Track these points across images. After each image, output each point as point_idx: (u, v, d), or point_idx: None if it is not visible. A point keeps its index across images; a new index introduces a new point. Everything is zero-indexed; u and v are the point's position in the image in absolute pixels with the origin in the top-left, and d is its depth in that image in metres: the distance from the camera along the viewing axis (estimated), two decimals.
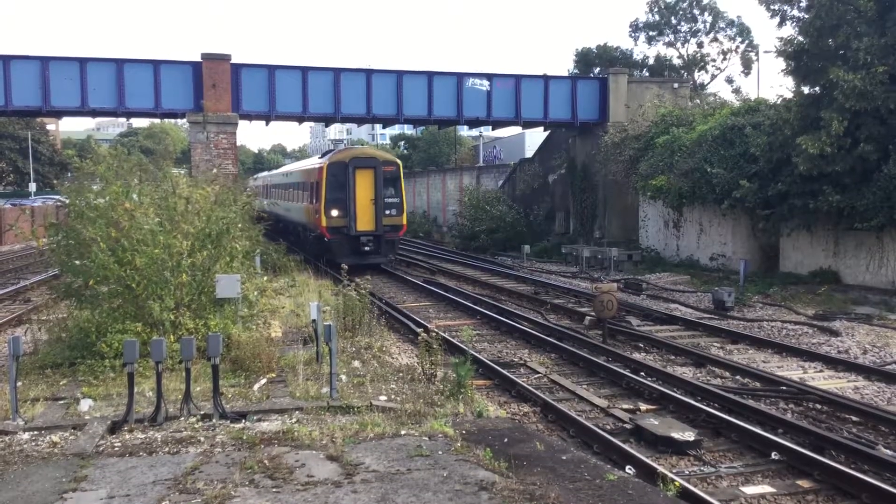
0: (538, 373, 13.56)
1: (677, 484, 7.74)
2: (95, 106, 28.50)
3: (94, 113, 29.92)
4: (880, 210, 19.82)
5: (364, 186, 27.31)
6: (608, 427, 10.40)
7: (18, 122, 69.26)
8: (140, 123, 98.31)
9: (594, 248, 30.96)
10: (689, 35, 53.38)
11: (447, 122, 35.96)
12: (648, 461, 8.67)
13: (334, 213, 27.19)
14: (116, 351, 11.11)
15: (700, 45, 53.54)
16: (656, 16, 53.12)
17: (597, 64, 50.97)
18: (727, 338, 16.59)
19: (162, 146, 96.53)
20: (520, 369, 13.95)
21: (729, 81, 54.41)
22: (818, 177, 21.01)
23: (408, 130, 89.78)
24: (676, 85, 36.16)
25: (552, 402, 11.25)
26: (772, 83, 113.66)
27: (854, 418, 10.77)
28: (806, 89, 22.62)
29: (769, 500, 8.12)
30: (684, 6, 52.44)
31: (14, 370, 9.21)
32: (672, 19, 52.83)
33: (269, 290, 14.94)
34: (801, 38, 22.25)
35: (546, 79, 33.29)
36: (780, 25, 23.30)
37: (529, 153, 49.09)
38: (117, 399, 9.93)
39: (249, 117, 30.69)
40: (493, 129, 49.94)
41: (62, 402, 9.89)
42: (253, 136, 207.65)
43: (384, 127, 43.62)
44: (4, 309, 20.26)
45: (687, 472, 8.77)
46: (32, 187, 67.79)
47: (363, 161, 28.00)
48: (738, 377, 13.22)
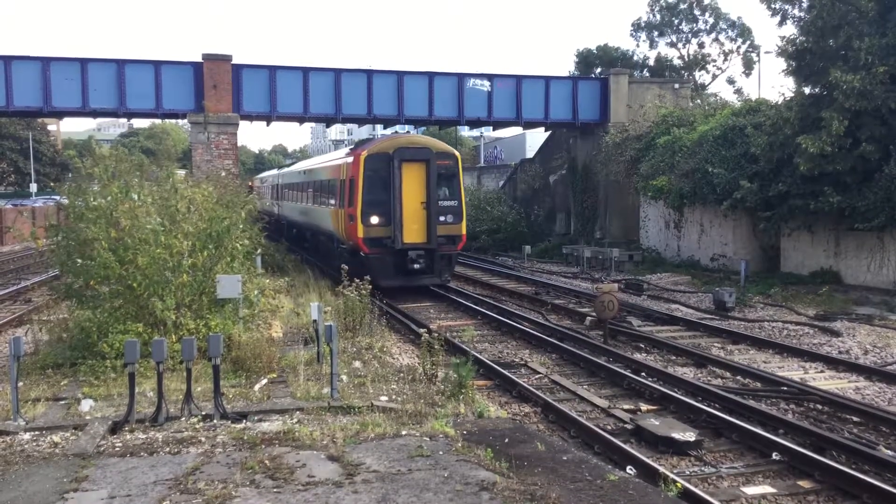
0: (539, 373, 13.56)
1: (678, 484, 7.74)
2: (96, 106, 28.53)
3: (95, 113, 29.93)
4: (881, 210, 19.83)
5: (413, 185, 21.58)
6: (609, 427, 10.40)
7: (19, 123, 69.32)
8: (141, 124, 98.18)
9: (595, 249, 30.95)
10: (691, 35, 53.36)
11: (448, 123, 35.96)
12: (649, 461, 8.67)
13: (374, 221, 21.35)
14: (117, 351, 11.11)
15: (701, 46, 53.52)
16: (657, 16, 53.11)
17: (597, 64, 50.95)
18: (728, 338, 16.58)
19: (163, 147, 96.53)
20: (521, 370, 13.95)
21: (730, 82, 54.43)
22: (819, 177, 21.02)
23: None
24: (677, 85, 36.18)
25: (553, 403, 11.25)
26: (773, 84, 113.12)
27: (855, 419, 10.77)
28: (807, 89, 22.64)
29: (770, 501, 8.12)
30: (685, 6, 52.41)
31: (15, 370, 9.22)
32: (673, 20, 52.80)
33: (269, 290, 14.92)
34: (802, 39, 22.26)
35: (547, 79, 33.30)
36: (781, 25, 23.35)
37: (530, 154, 49.13)
38: (118, 399, 9.94)
39: (250, 118, 30.72)
40: (494, 130, 49.97)
41: (63, 403, 9.90)
42: (254, 137, 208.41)
43: (385, 127, 43.48)
44: (5, 309, 20.27)
45: (688, 473, 8.77)
46: (33, 188, 67.79)
47: (412, 152, 21.86)
48: (739, 377, 13.22)
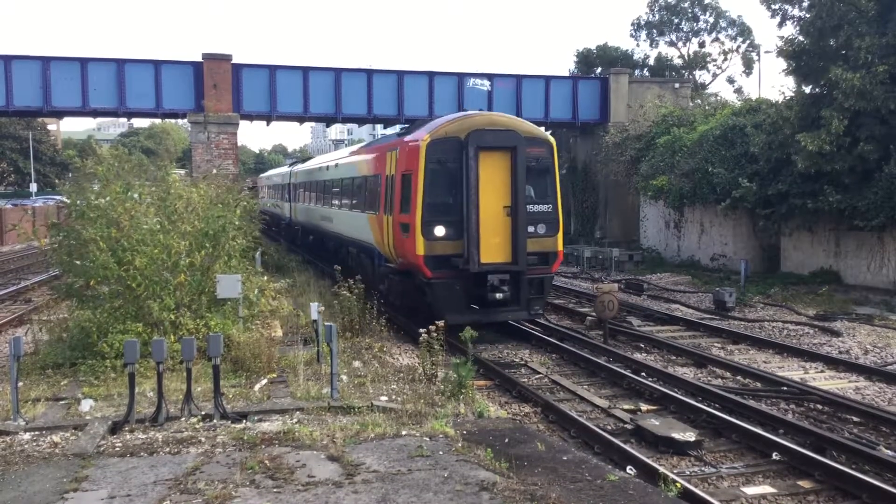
0: (539, 373, 13.56)
1: (678, 485, 7.74)
2: (96, 106, 28.55)
3: (95, 113, 29.96)
4: (881, 210, 19.82)
5: (494, 183, 15.44)
6: (609, 427, 10.40)
7: (19, 123, 69.37)
8: (141, 123, 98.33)
9: (595, 249, 30.96)
10: (691, 35, 53.36)
11: None
12: (649, 462, 8.67)
13: (439, 233, 15.38)
14: (117, 351, 11.11)
15: (701, 45, 53.53)
16: (657, 15, 53.10)
17: (597, 64, 50.91)
18: (728, 338, 16.58)
19: (163, 146, 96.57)
20: (521, 370, 13.96)
21: (730, 81, 54.48)
22: (817, 176, 21.02)
23: None
24: (677, 85, 36.18)
25: (553, 403, 11.26)
26: (773, 83, 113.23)
27: (855, 419, 10.77)
28: (807, 89, 22.63)
29: (770, 501, 8.12)
30: (685, 6, 52.39)
31: (15, 370, 9.22)
32: (673, 19, 52.79)
33: (269, 290, 14.91)
34: (802, 38, 22.25)
35: (547, 79, 33.29)
36: (781, 25, 23.31)
37: None
38: (118, 399, 9.93)
39: (250, 117, 30.72)
40: None
41: (63, 403, 9.89)
42: (254, 137, 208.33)
43: (385, 127, 43.48)
44: (6, 309, 20.27)
45: (688, 473, 8.77)
46: (33, 187, 67.74)
47: (493, 137, 15.51)
48: (739, 377, 13.22)
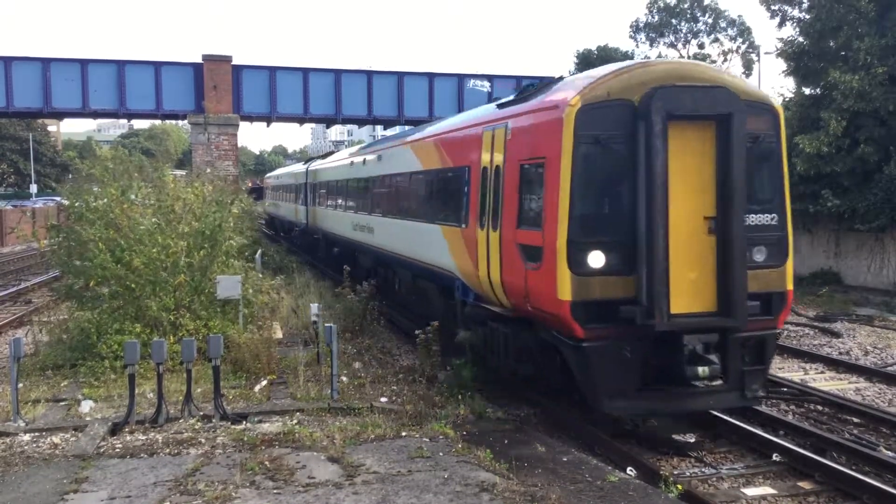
0: None
1: (679, 486, 7.74)
2: (96, 107, 28.57)
3: (96, 114, 29.98)
4: (881, 212, 19.80)
5: (688, 178, 8.67)
6: (609, 428, 10.38)
7: (20, 124, 69.33)
8: (141, 125, 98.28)
9: None
10: (690, 35, 53.35)
11: None
12: (650, 463, 8.66)
13: (596, 262, 8.56)
14: (117, 352, 11.12)
15: (701, 46, 53.45)
16: (656, 17, 53.10)
17: (598, 65, 50.86)
18: None
19: (163, 147, 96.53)
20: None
21: None
22: (816, 178, 21.00)
23: None
24: None
25: (553, 404, 11.22)
26: (773, 84, 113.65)
27: (855, 420, 10.74)
28: (807, 90, 22.63)
29: (770, 502, 8.11)
30: (685, 6, 52.40)
31: (15, 371, 9.23)
32: (672, 20, 52.80)
33: (266, 287, 14.88)
34: (802, 40, 22.26)
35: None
36: (780, 26, 23.32)
37: None
38: (118, 400, 9.93)
39: (250, 118, 30.73)
40: None
41: (63, 404, 9.89)
42: (254, 138, 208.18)
43: (385, 128, 43.61)
44: (5, 310, 20.25)
45: (688, 474, 8.75)
46: (33, 188, 67.75)
47: (690, 98, 8.54)
48: None
